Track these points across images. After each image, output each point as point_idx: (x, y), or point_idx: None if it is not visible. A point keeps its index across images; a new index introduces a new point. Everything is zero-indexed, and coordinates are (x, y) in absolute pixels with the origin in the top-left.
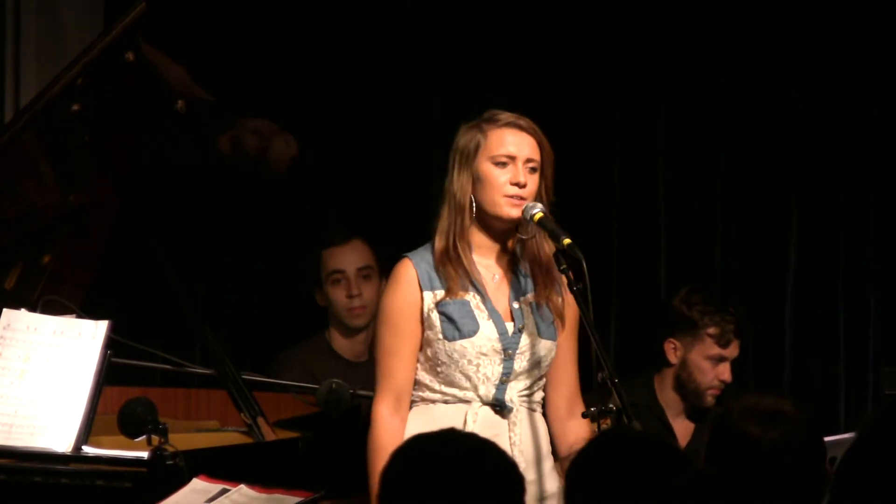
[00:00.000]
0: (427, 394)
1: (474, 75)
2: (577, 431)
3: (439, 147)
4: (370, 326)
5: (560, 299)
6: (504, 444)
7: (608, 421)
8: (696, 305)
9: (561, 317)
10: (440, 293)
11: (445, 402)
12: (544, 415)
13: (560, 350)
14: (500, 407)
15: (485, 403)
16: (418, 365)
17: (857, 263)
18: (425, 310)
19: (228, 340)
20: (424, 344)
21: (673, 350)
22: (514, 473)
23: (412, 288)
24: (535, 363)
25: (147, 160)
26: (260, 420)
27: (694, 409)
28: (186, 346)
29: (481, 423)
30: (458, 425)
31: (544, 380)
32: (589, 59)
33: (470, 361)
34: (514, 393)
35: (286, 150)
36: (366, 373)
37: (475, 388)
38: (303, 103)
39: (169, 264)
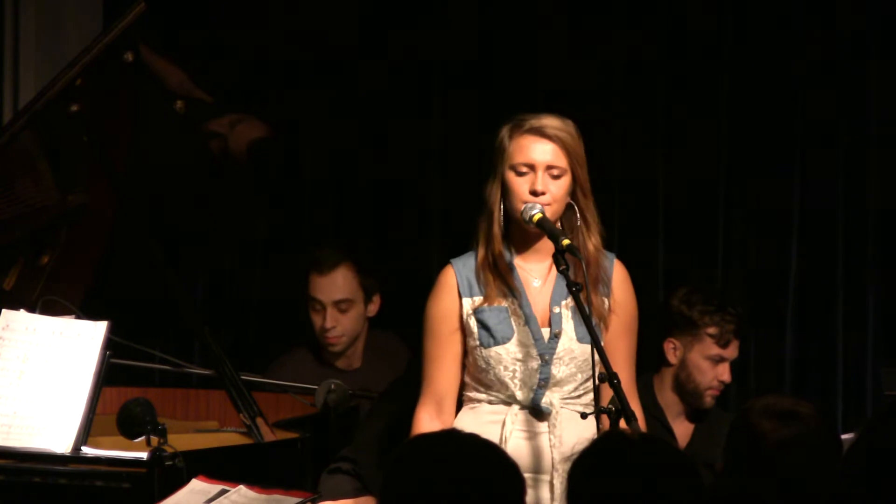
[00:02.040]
0: (474, 394)
1: (474, 74)
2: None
3: (438, 148)
4: (359, 339)
5: (604, 300)
6: (543, 446)
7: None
8: (696, 305)
9: (602, 318)
10: (478, 300)
11: (490, 402)
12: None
13: (610, 349)
14: (538, 410)
15: (524, 407)
16: (465, 369)
17: (857, 263)
18: (464, 316)
19: (227, 341)
20: (468, 350)
21: (672, 350)
22: (514, 474)
23: (451, 295)
24: (577, 367)
25: (146, 160)
26: (259, 420)
27: (693, 411)
28: (185, 347)
29: (520, 424)
30: (500, 425)
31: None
32: (589, 58)
33: (506, 367)
34: (556, 397)
35: (244, 136)
36: (357, 380)
37: (513, 394)
38: (303, 103)
39: (168, 264)
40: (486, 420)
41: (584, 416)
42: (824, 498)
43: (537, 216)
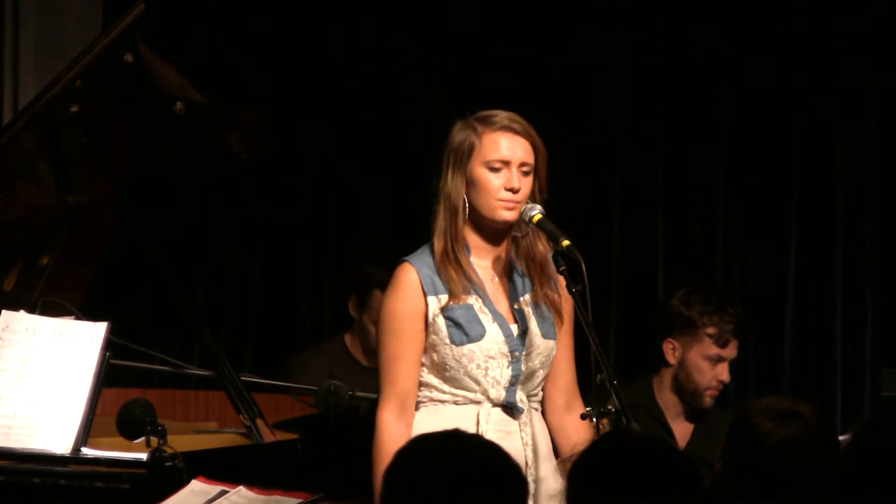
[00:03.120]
0: (436, 394)
1: (474, 73)
2: (574, 427)
3: (438, 147)
4: None
5: (557, 296)
6: (516, 444)
7: (605, 422)
8: (695, 305)
9: (559, 313)
10: (444, 297)
11: (456, 402)
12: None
13: (558, 344)
14: (510, 408)
15: (496, 405)
16: (424, 368)
17: (856, 263)
18: (430, 315)
19: (227, 342)
20: (429, 348)
21: (671, 350)
22: (517, 475)
23: (415, 293)
24: (540, 363)
25: (145, 161)
26: (259, 421)
27: (693, 411)
28: (185, 348)
29: (493, 423)
30: (471, 425)
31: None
32: (590, 59)
33: (478, 365)
34: (524, 394)
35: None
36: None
37: (485, 392)
38: (301, 100)
39: (167, 265)
40: (453, 421)
41: (583, 416)
42: (823, 498)
43: (537, 217)
